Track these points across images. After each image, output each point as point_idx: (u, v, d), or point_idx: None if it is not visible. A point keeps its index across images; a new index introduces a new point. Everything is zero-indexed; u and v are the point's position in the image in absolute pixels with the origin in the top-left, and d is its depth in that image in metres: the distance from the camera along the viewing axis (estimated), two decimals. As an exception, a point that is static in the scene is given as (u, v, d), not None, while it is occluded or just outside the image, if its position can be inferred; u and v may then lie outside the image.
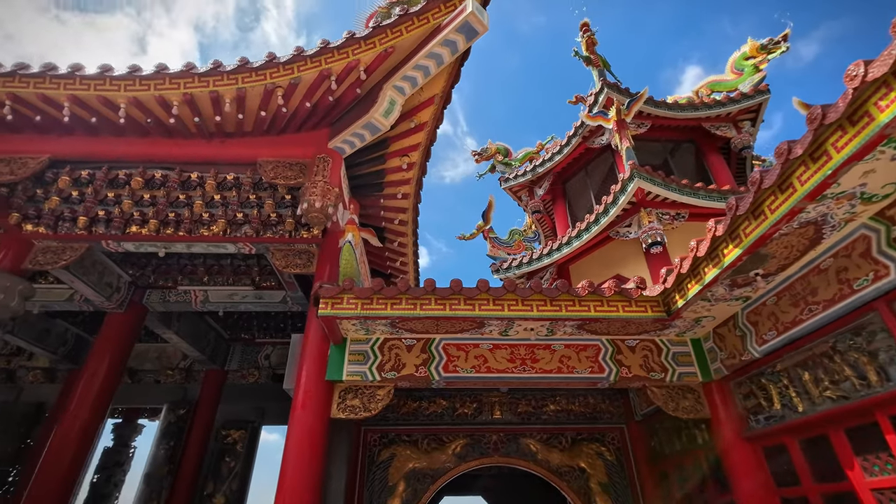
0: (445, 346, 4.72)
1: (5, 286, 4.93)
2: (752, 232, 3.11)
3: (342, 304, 4.14)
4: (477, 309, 4.15)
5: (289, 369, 4.85)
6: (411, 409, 6.44)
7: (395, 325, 4.48)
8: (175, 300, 7.30)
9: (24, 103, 4.31)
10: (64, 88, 4.17)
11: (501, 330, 4.59)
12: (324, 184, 4.52)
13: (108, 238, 5.28)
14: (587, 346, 4.76)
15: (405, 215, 6.13)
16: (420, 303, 4.16)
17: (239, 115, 4.53)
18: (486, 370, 4.62)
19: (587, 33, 9.18)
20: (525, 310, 4.17)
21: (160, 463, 9.07)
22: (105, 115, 4.42)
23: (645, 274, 7.78)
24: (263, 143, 4.95)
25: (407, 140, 5.09)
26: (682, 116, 9.19)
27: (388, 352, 4.67)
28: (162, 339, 9.78)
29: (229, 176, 4.97)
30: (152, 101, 4.28)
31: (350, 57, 4.11)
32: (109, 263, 6.50)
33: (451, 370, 4.60)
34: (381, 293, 4.14)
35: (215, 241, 5.29)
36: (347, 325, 4.48)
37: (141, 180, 4.97)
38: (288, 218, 5.21)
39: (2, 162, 4.74)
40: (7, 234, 5.19)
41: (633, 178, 7.38)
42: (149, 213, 5.14)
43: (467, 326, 4.52)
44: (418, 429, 6.31)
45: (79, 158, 4.90)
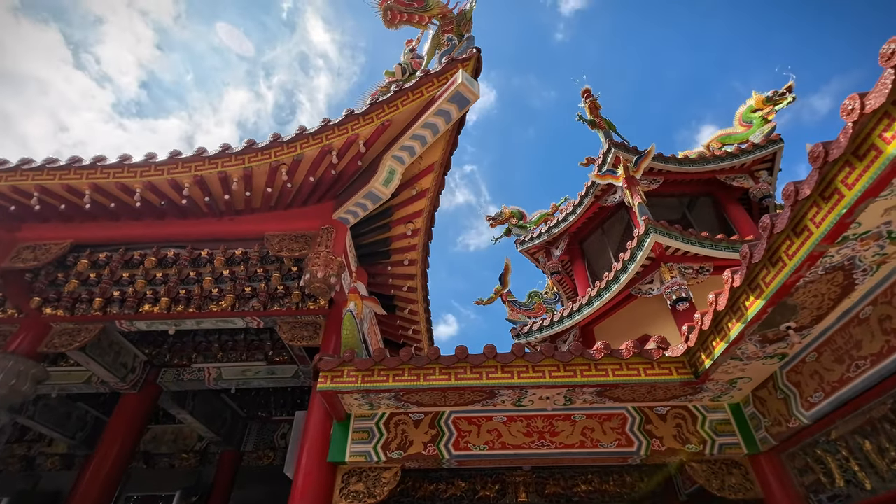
0: (455, 420, 4.38)
1: (19, 370, 4.97)
2: (772, 281, 2.84)
3: (342, 378, 3.94)
4: (485, 378, 3.87)
5: (290, 451, 4.57)
6: (428, 493, 5.91)
7: (400, 399, 4.22)
8: (189, 378, 7.21)
9: (51, 193, 4.62)
10: (86, 178, 4.47)
11: (514, 400, 4.25)
12: (327, 254, 4.53)
13: (122, 318, 5.35)
14: (611, 415, 4.32)
15: (413, 282, 6.05)
16: (424, 373, 3.93)
17: (247, 192, 4.71)
18: (500, 446, 4.22)
19: (589, 99, 9.49)
20: (536, 377, 3.86)
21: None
22: (123, 199, 4.68)
23: (674, 332, 7.31)
24: (270, 217, 5.08)
25: (410, 207, 5.14)
26: (694, 170, 9.11)
27: (395, 428, 4.36)
28: (178, 421, 9.58)
29: (238, 251, 5.07)
30: (165, 184, 4.52)
31: (350, 132, 4.30)
32: (126, 343, 6.55)
33: (463, 447, 4.22)
34: (382, 364, 3.94)
35: (224, 317, 5.28)
36: (350, 400, 4.24)
37: (154, 259, 5.12)
38: (294, 290, 5.20)
39: (28, 249, 4.99)
40: (27, 318, 5.34)
41: (648, 233, 7.18)
42: (161, 291, 5.23)
43: (477, 397, 4.21)
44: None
45: (98, 242, 5.13)
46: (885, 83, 2.01)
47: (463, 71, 4.09)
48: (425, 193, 4.94)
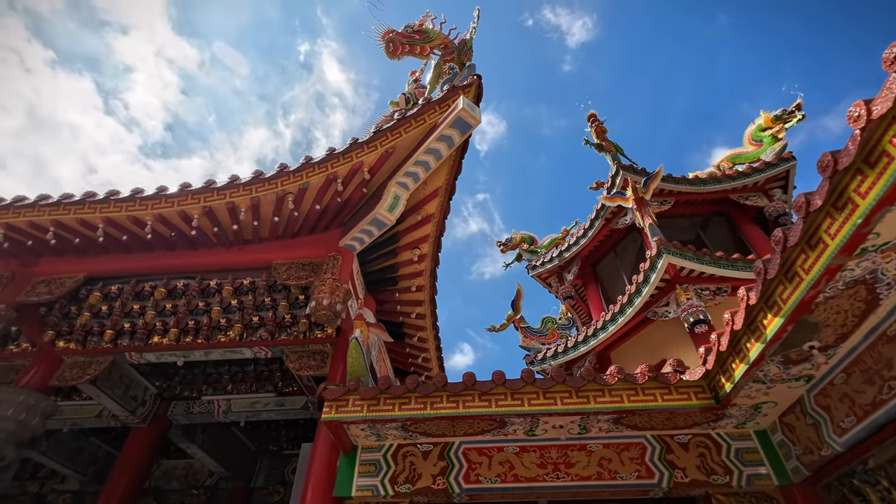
0: (466, 452, 4.21)
1: (29, 404, 4.97)
2: (789, 297, 2.72)
3: (347, 407, 3.84)
4: (494, 405, 3.74)
5: (296, 485, 4.43)
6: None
7: (408, 429, 4.08)
8: (198, 411, 7.14)
9: (66, 228, 4.74)
10: (100, 212, 4.58)
11: (526, 429, 4.08)
12: (332, 281, 4.51)
13: (132, 349, 5.36)
14: (629, 444, 4.11)
15: (422, 308, 5.98)
16: (431, 401, 3.81)
17: (254, 222, 4.76)
18: (513, 479, 4.02)
19: (595, 123, 9.55)
20: (547, 403, 3.71)
21: None
22: (135, 232, 4.77)
23: (694, 357, 7.04)
24: (278, 246, 5.12)
25: (416, 232, 5.14)
26: (705, 190, 9.01)
27: (403, 460, 4.20)
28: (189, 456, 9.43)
29: (245, 280, 5.09)
30: (175, 216, 4.61)
31: (354, 160, 4.35)
32: (136, 376, 6.55)
33: (474, 480, 4.03)
34: (388, 392, 3.84)
35: (232, 347, 5.26)
36: (356, 431, 4.12)
37: (164, 290, 5.17)
38: (302, 318, 5.17)
39: (43, 283, 5.09)
40: (40, 352, 5.38)
41: (661, 255, 7.03)
42: (170, 323, 5.25)
43: (487, 426, 4.05)
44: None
45: (111, 275, 5.21)
46: (890, 88, 1.95)
47: (464, 97, 4.15)
48: (431, 219, 4.94)
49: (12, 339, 5.48)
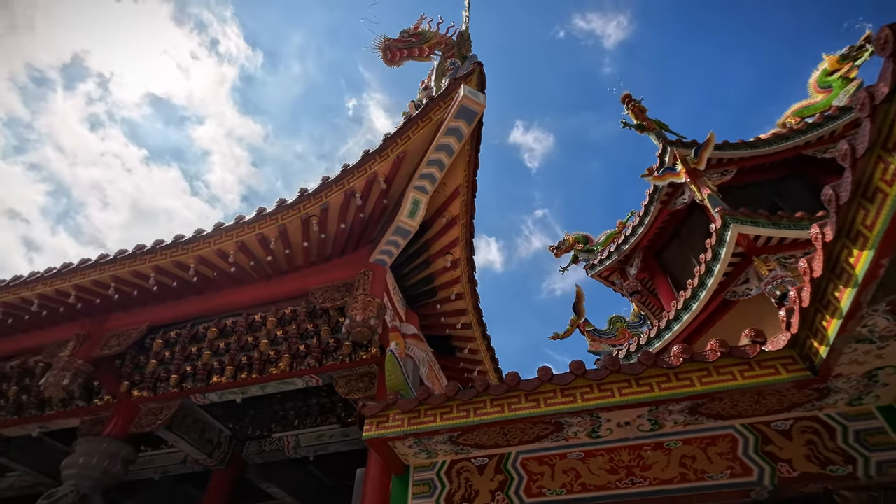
0: (524, 462, 3.81)
1: (111, 452, 5.29)
2: (874, 223, 2.18)
3: (388, 423, 3.64)
4: (542, 405, 3.36)
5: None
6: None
7: (457, 442, 3.78)
8: (270, 449, 7.27)
9: (123, 282, 5.12)
10: (149, 262, 4.91)
11: (588, 430, 3.62)
12: (364, 297, 4.42)
13: (196, 391, 5.59)
14: (715, 437, 3.50)
15: (466, 317, 5.71)
16: (473, 408, 3.50)
17: (286, 250, 4.85)
18: (580, 489, 3.55)
19: (631, 103, 8.98)
20: (603, 396, 3.27)
21: None
22: (181, 276, 5.05)
23: (790, 336, 6.08)
24: (313, 272, 5.16)
25: (445, 237, 4.96)
26: (773, 150, 8.06)
27: (457, 477, 3.88)
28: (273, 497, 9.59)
29: (287, 310, 5.16)
30: (213, 255, 4.81)
31: (368, 171, 4.32)
32: (209, 419, 6.81)
33: (536, 493, 3.61)
34: (427, 402, 3.59)
35: (283, 378, 5.30)
36: (404, 449, 3.89)
37: (216, 330, 5.37)
38: (345, 342, 5.12)
39: (113, 336, 5.50)
40: (119, 403, 5.77)
41: (727, 226, 6.27)
42: (225, 361, 5.42)
43: (542, 431, 3.65)
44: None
45: (169, 322, 5.52)
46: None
47: (465, 85, 4.00)
48: (456, 220, 4.76)
49: (95, 392, 5.94)
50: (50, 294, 5.19)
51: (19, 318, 5.56)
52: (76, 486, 4.90)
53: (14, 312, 5.47)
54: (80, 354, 5.26)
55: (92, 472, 5.06)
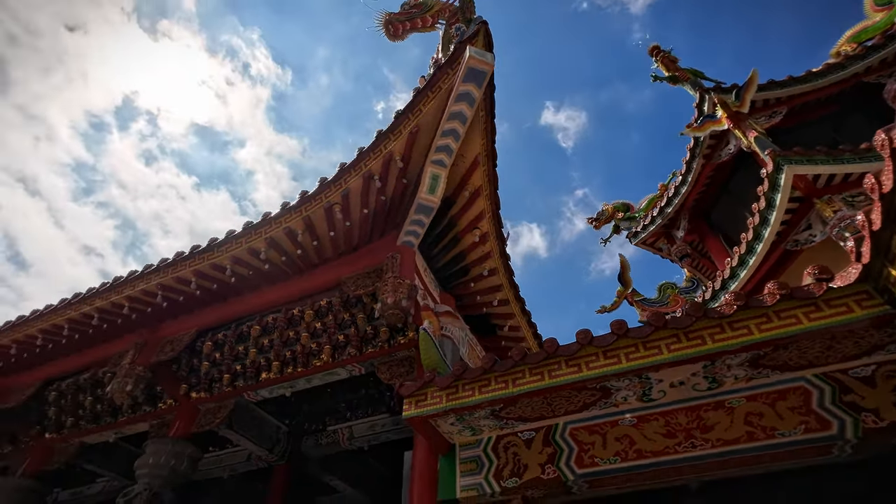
0: (573, 433, 3.62)
1: (177, 452, 5.57)
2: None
3: (426, 401, 3.56)
4: (584, 369, 3.16)
5: (403, 494, 4.22)
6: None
7: (499, 416, 3.66)
8: (326, 442, 7.43)
9: (169, 288, 5.36)
10: (189, 267, 5.10)
11: (638, 394, 3.39)
12: (394, 279, 4.37)
13: (247, 389, 5.78)
14: (783, 391, 3.17)
15: (502, 293, 5.54)
16: (512, 378, 3.36)
17: (314, 241, 4.88)
18: (635, 456, 3.33)
19: (660, 55, 8.40)
20: (650, 355, 3.02)
21: None
22: (220, 278, 5.21)
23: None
24: (343, 263, 5.17)
25: (471, 211, 4.80)
26: (826, 83, 7.30)
27: (504, 452, 3.76)
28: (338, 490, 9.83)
29: (322, 302, 5.20)
30: (245, 254, 4.92)
31: (384, 151, 4.25)
32: (266, 416, 7.04)
33: (588, 464, 3.42)
34: (464, 377, 3.48)
35: (327, 369, 5.37)
36: (447, 427, 3.80)
37: (259, 328, 5.51)
38: (382, 328, 5.10)
39: (167, 343, 5.77)
40: (180, 405, 6.07)
41: (780, 168, 5.73)
42: (271, 357, 5.56)
43: (588, 398, 3.45)
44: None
45: (215, 324, 5.73)
46: None
47: (471, 46, 3.83)
48: (480, 192, 4.59)
49: (159, 397, 6.28)
50: (107, 307, 5.52)
51: (84, 333, 5.97)
52: (149, 484, 5.20)
53: (79, 328, 5.88)
54: (139, 361, 5.57)
55: (161, 470, 5.35)
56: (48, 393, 6.56)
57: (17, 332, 5.97)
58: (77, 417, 6.64)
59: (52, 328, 5.84)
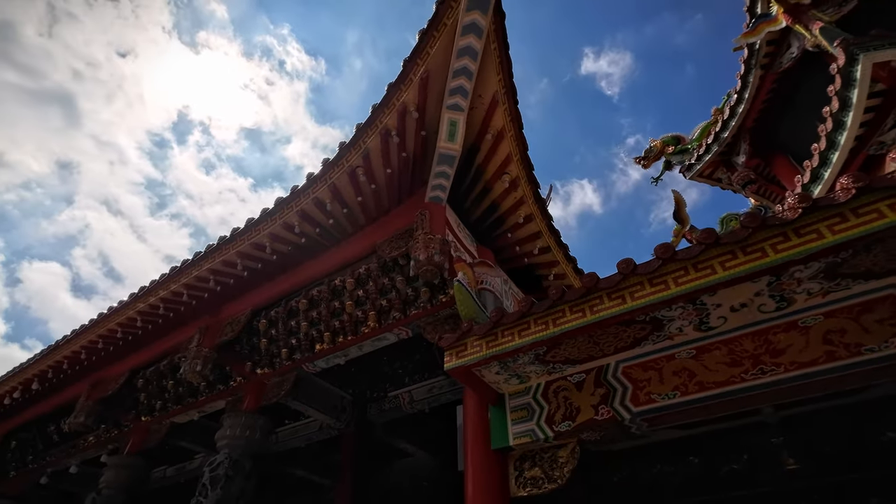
0: (626, 371, 3.41)
1: (250, 424, 5.96)
2: None
3: (466, 351, 3.48)
4: (629, 300, 2.91)
5: (459, 448, 4.22)
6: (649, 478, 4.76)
7: (545, 360, 3.50)
8: (389, 408, 7.66)
9: (219, 273, 5.63)
10: (233, 249, 5.30)
11: (695, 322, 3.10)
12: (424, 235, 4.27)
13: (305, 361, 6.01)
14: (868, 302, 2.76)
15: (542, 240, 5.27)
16: (552, 318, 3.17)
17: (343, 209, 4.87)
18: (696, 388, 3.07)
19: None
20: (702, 276, 2.72)
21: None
22: (262, 257, 5.38)
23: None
24: (376, 228, 5.14)
25: (497, 156, 4.54)
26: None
27: (555, 397, 3.62)
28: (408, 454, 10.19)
29: (361, 269, 5.23)
30: (281, 229, 5.02)
31: (396, 104, 4.08)
32: (329, 387, 7.34)
33: (645, 401, 3.21)
34: (502, 323, 3.35)
35: (376, 335, 5.44)
36: (492, 377, 3.72)
37: (306, 302, 5.66)
38: (422, 288, 5.05)
39: (228, 325, 6.11)
40: (248, 382, 6.45)
41: (855, 59, 4.92)
42: (322, 328, 5.72)
43: (638, 333, 3.21)
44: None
45: (267, 303, 5.97)
46: None
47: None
48: (503, 133, 4.31)
49: (230, 377, 6.72)
50: (168, 296, 5.92)
51: (155, 323, 6.46)
52: (229, 453, 5.62)
53: (150, 319, 6.36)
54: (204, 344, 5.95)
55: (238, 441, 5.76)
56: (136, 381, 7.22)
57: (101, 328, 6.57)
58: (164, 400, 7.29)
59: (127, 321, 6.36)
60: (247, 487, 5.54)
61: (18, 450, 9.62)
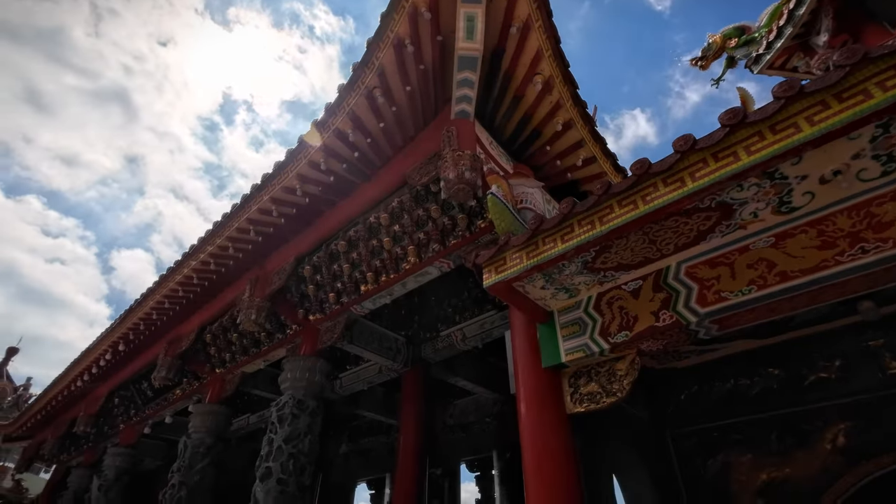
0: (689, 272, 3.00)
1: (308, 367, 6.16)
2: None
3: (506, 265, 3.20)
4: (689, 181, 2.46)
5: (510, 372, 4.05)
6: (726, 393, 4.41)
7: (594, 268, 3.16)
8: (442, 346, 7.68)
9: (257, 222, 5.66)
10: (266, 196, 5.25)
11: (773, 203, 2.61)
12: (452, 153, 3.93)
13: (352, 303, 6.04)
14: None
15: (585, 149, 4.74)
16: (598, 217, 2.80)
17: (367, 139, 4.61)
18: (777, 280, 2.63)
19: None
20: (782, 137, 2.21)
21: (507, 508, 9.17)
22: (294, 201, 5.30)
23: None
24: (404, 157, 4.85)
25: (524, 54, 3.99)
26: None
27: (608, 308, 3.30)
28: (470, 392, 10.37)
29: (394, 203, 5.02)
30: (307, 168, 4.86)
31: (406, 7, 3.64)
32: (382, 330, 7.44)
33: (713, 300, 2.82)
34: (542, 230, 3.01)
35: (417, 271, 5.30)
36: (537, 292, 3.44)
37: (344, 243, 5.59)
38: (459, 216, 4.78)
39: (275, 274, 6.24)
40: (303, 329, 6.64)
41: None
42: (364, 269, 5.67)
43: (703, 224, 2.77)
44: (752, 420, 4.20)
45: (308, 250, 5.98)
46: None
47: None
48: (530, 24, 3.75)
49: (286, 325, 6.95)
50: (216, 251, 6.07)
51: (210, 280, 6.73)
52: (292, 394, 5.88)
53: (204, 276, 6.63)
54: (256, 294, 6.13)
55: (299, 383, 6.00)
56: (205, 335, 7.69)
57: (163, 289, 6.96)
58: (231, 352, 7.74)
59: (184, 280, 6.67)
60: (313, 423, 5.80)
61: (122, 406, 10.82)
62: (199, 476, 7.21)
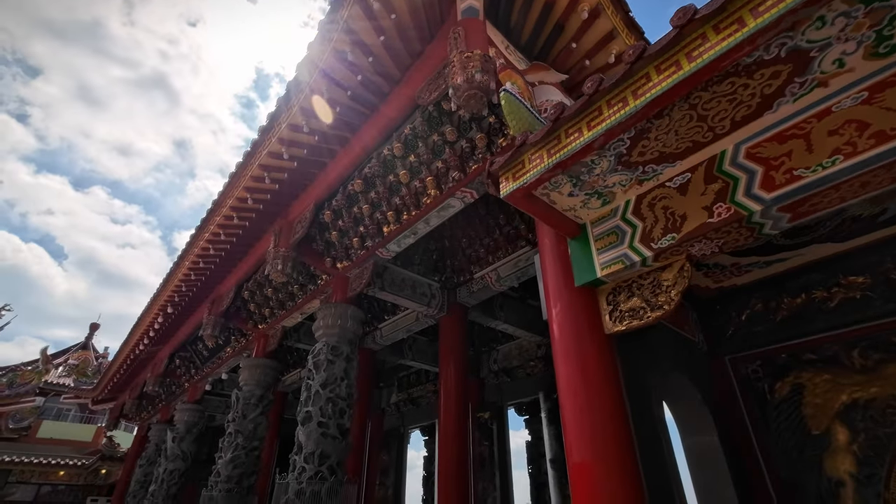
0: (750, 153, 2.44)
1: (340, 313, 6.08)
2: None
3: (524, 168, 2.76)
4: (750, 21, 1.89)
5: (541, 296, 3.67)
6: (797, 309, 3.85)
7: (630, 162, 2.66)
8: (477, 289, 7.40)
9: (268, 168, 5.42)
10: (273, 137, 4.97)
11: (870, 42, 1.99)
12: (460, 55, 3.43)
13: (377, 247, 5.81)
14: None
15: (617, 41, 4.05)
16: (631, 91, 2.27)
17: (369, 58, 4.16)
18: (872, 144, 2.05)
19: None
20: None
21: (557, 448, 9.10)
22: (303, 141, 4.98)
23: None
24: (411, 76, 4.38)
25: (537, -73, 3.36)
26: None
27: (650, 211, 2.82)
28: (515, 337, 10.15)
29: (406, 130, 4.60)
30: (310, 102, 4.49)
31: None
32: (414, 276, 7.23)
33: (784, 182, 2.27)
34: (564, 119, 2.52)
35: (439, 205, 4.94)
36: (565, 200, 3.00)
37: (360, 182, 5.29)
38: (476, 136, 4.31)
39: (297, 223, 6.07)
40: (333, 278, 6.53)
41: None
42: (383, 208, 5.37)
43: (768, 86, 2.19)
44: (829, 337, 3.65)
45: (326, 195, 5.74)
46: None
47: None
48: None
49: (316, 276, 6.90)
50: (236, 204, 5.96)
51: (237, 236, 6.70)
52: (326, 341, 5.85)
53: (231, 231, 6.60)
54: (281, 245, 6.02)
55: (332, 329, 5.94)
56: (243, 293, 7.82)
57: (195, 247, 7.03)
58: (270, 307, 7.84)
59: (212, 237, 6.67)
60: (349, 368, 5.78)
61: (183, 366, 11.51)
62: (253, 425, 7.52)
